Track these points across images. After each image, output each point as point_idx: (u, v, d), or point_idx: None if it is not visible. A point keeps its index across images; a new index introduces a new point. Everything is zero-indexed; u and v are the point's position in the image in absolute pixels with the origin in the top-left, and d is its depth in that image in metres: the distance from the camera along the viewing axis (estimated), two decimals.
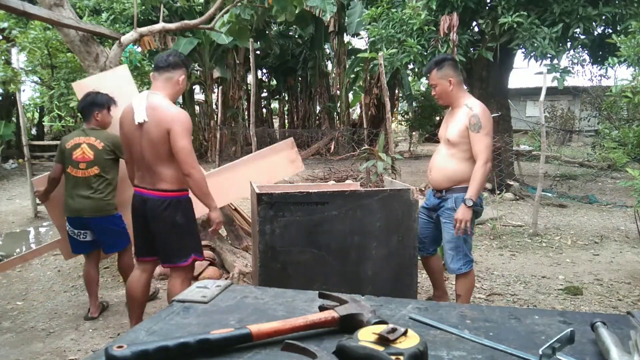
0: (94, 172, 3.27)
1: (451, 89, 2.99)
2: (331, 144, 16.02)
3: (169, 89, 2.80)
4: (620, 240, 5.57)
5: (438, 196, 3.11)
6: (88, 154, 3.27)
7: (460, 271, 3.04)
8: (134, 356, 0.72)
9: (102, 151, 3.28)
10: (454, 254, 3.03)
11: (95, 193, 3.26)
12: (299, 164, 3.89)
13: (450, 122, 3.06)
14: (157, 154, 2.71)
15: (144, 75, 5.36)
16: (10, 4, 3.22)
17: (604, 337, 0.82)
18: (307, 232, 2.77)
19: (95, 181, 3.27)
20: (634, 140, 3.99)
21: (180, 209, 2.80)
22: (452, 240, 3.02)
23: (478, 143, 2.88)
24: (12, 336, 3.21)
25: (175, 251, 2.83)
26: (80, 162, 3.26)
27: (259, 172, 3.75)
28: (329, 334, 0.88)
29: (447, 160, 3.02)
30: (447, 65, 3.01)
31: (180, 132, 2.66)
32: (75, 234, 3.37)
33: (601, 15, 6.69)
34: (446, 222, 3.05)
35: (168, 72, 2.79)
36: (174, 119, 2.68)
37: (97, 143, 3.29)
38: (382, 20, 7.64)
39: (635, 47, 3.75)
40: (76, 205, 3.27)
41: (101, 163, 3.28)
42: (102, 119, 3.36)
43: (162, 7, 5.03)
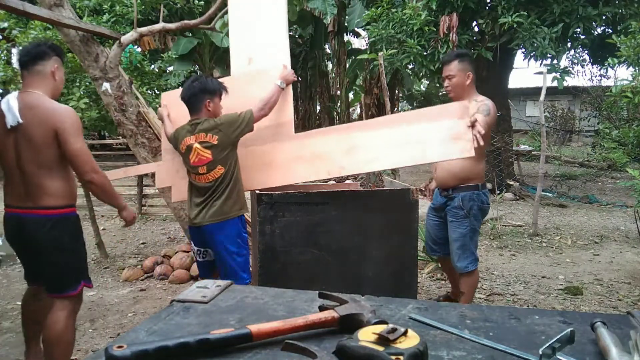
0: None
1: (468, 83, 3.01)
2: None
3: (45, 84, 2.35)
4: (620, 240, 5.57)
5: (444, 195, 3.11)
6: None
7: (467, 269, 3.04)
8: (134, 356, 0.72)
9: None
10: (461, 253, 3.03)
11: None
12: (467, 146, 2.57)
13: None
14: (40, 162, 2.26)
15: (144, 75, 5.36)
16: (10, 4, 3.21)
17: (604, 337, 0.82)
18: (307, 233, 2.77)
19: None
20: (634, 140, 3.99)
21: (67, 228, 2.36)
22: (459, 238, 3.02)
23: (479, 117, 2.66)
24: (12, 336, 3.21)
25: (63, 278, 2.38)
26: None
27: (400, 144, 2.68)
28: (329, 334, 0.88)
29: (458, 160, 2.99)
30: (468, 60, 3.05)
31: (73, 132, 2.25)
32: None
33: (601, 15, 6.69)
34: (453, 221, 3.04)
35: (36, 65, 2.34)
36: (61, 117, 2.25)
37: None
38: (382, 21, 7.64)
39: (635, 47, 3.75)
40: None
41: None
42: (214, 109, 2.78)
43: (162, 7, 5.04)
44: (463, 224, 3.00)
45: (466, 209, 2.97)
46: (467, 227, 3.00)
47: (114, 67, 3.99)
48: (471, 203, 2.98)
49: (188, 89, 2.76)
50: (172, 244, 5.50)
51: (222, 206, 2.72)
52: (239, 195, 2.81)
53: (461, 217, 2.99)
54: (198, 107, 2.75)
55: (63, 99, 4.34)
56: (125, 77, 4.16)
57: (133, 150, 4.22)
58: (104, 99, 4.11)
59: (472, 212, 2.98)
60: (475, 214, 3.00)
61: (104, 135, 16.16)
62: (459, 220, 2.99)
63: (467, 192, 2.98)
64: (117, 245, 5.52)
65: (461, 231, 3.00)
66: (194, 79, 2.80)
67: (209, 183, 2.72)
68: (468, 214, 2.97)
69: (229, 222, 2.74)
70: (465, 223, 3.00)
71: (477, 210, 3.00)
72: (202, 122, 2.72)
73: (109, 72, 3.95)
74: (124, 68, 4.68)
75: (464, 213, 2.98)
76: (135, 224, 6.57)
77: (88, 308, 3.69)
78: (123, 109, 4.04)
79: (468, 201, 2.96)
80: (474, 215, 2.99)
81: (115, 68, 4.00)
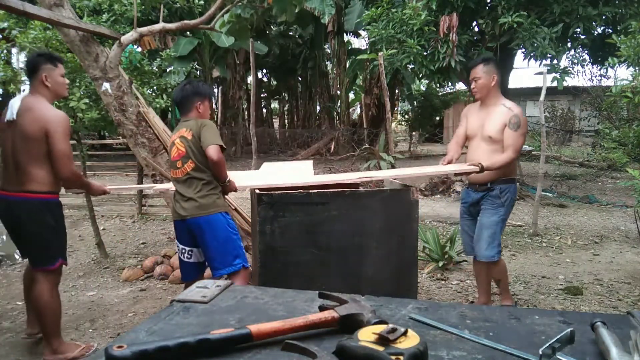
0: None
1: (492, 84, 3.15)
2: (331, 144, 16.04)
3: (40, 89, 2.75)
4: (620, 240, 5.57)
5: (482, 189, 3.20)
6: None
7: (494, 259, 3.14)
8: (134, 356, 0.72)
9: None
10: (490, 241, 3.12)
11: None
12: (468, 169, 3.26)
13: (487, 119, 3.18)
14: (30, 153, 2.64)
15: (143, 75, 5.36)
16: (10, 4, 3.22)
17: (604, 337, 0.82)
18: (307, 232, 2.77)
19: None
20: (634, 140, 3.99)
21: (49, 210, 2.74)
22: (491, 226, 3.12)
23: (512, 139, 3.06)
24: (12, 336, 3.21)
25: (43, 254, 2.76)
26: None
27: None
28: (329, 334, 0.88)
29: (491, 156, 3.10)
30: (493, 63, 3.21)
31: (59, 135, 2.63)
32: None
33: (601, 15, 6.69)
34: (489, 209, 3.16)
35: (31, 76, 2.77)
36: (51, 120, 2.64)
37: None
38: (382, 21, 7.64)
39: (635, 47, 3.75)
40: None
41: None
42: (205, 111, 2.97)
43: (162, 7, 5.04)
44: (498, 212, 3.13)
45: (503, 199, 3.13)
46: (500, 216, 3.14)
47: (114, 67, 3.99)
48: (508, 194, 3.14)
49: (180, 91, 2.93)
50: (172, 244, 5.50)
51: (203, 200, 2.77)
52: (217, 195, 2.84)
53: (497, 205, 3.13)
54: (188, 108, 2.91)
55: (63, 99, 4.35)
56: (125, 77, 4.16)
57: (133, 150, 4.22)
58: (104, 99, 4.11)
59: (507, 202, 3.15)
60: (508, 205, 3.16)
61: (104, 135, 16.16)
62: (495, 209, 3.13)
63: (505, 184, 3.14)
64: (117, 245, 5.52)
65: (494, 219, 3.12)
66: (186, 82, 2.99)
67: (184, 176, 2.81)
68: (504, 204, 3.13)
69: (214, 215, 2.78)
70: (500, 211, 3.13)
71: (510, 200, 3.17)
72: (188, 121, 2.86)
73: (109, 72, 3.96)
74: (124, 68, 4.68)
75: (501, 202, 3.13)
76: (135, 224, 6.57)
77: (88, 308, 3.70)
78: (123, 109, 4.04)
79: (506, 192, 3.13)
80: (508, 206, 3.16)
81: (115, 68, 4.00)
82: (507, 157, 3.06)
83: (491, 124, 3.13)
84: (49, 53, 2.99)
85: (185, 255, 2.94)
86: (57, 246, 2.80)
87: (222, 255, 2.80)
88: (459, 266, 4.57)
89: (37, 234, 2.72)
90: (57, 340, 2.79)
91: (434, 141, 20.55)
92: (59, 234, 2.81)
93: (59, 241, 2.83)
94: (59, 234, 2.82)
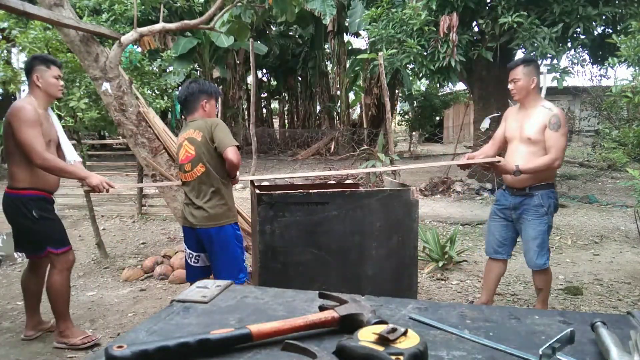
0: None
1: (532, 87, 3.09)
2: (331, 144, 16.04)
3: (33, 90, 2.89)
4: (620, 240, 5.57)
5: (521, 194, 3.13)
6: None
7: (545, 266, 3.10)
8: (134, 356, 0.72)
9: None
10: (540, 250, 3.08)
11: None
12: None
13: (525, 121, 3.11)
14: (7, 151, 2.83)
15: (143, 75, 5.35)
16: (10, 4, 3.21)
17: (604, 337, 0.82)
18: (307, 232, 2.77)
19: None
20: (634, 140, 3.98)
21: (27, 207, 2.85)
22: (538, 236, 3.07)
23: (554, 140, 2.96)
24: (12, 336, 3.21)
25: (27, 246, 3.03)
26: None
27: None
28: (329, 334, 0.88)
29: (530, 159, 3.04)
30: (534, 66, 3.14)
31: (18, 125, 2.69)
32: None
33: (601, 15, 6.68)
34: (533, 219, 3.08)
35: (27, 75, 2.92)
36: (11, 112, 2.74)
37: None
38: (382, 21, 7.64)
39: (635, 47, 3.75)
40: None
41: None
42: (211, 110, 2.88)
43: (162, 7, 5.03)
44: (543, 221, 3.06)
45: (546, 206, 3.05)
46: (546, 224, 3.07)
47: (114, 67, 3.99)
48: (550, 200, 3.06)
49: (186, 89, 2.83)
50: (172, 244, 5.50)
51: (213, 210, 2.71)
52: (227, 201, 2.77)
53: (542, 214, 3.05)
54: (194, 107, 2.82)
55: (63, 99, 4.34)
56: (125, 77, 4.16)
57: (133, 150, 4.22)
58: (104, 99, 4.11)
59: (551, 209, 3.08)
60: (552, 212, 3.10)
61: (104, 135, 16.17)
62: (540, 218, 3.05)
63: (545, 189, 3.06)
64: (117, 245, 5.52)
65: (541, 229, 3.06)
66: (191, 81, 2.89)
67: (193, 181, 2.74)
68: (547, 211, 3.06)
69: (225, 227, 2.74)
70: (544, 220, 3.06)
71: (553, 207, 3.10)
72: (196, 121, 2.77)
73: (109, 72, 3.95)
74: (124, 68, 4.68)
75: (545, 210, 3.05)
76: (135, 224, 6.57)
77: (88, 308, 3.70)
78: (123, 109, 4.04)
79: (547, 198, 3.04)
80: (551, 213, 3.09)
81: (115, 68, 4.00)
82: (550, 159, 2.94)
83: (530, 125, 3.06)
84: (43, 55, 3.07)
85: (193, 259, 2.88)
86: (41, 238, 2.93)
87: (228, 269, 2.75)
88: (459, 266, 4.57)
89: (17, 229, 2.97)
90: (63, 324, 2.99)
91: (434, 141, 20.55)
92: (41, 226, 2.90)
93: (42, 233, 2.93)
94: (42, 227, 2.90)
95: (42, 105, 2.90)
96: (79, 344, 2.95)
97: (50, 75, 2.89)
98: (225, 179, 2.77)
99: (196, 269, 2.90)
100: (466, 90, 15.37)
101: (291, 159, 15.13)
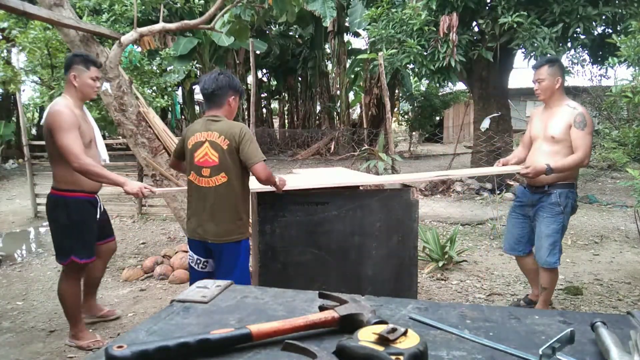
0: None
1: (557, 87, 3.11)
2: (331, 144, 16.03)
3: (69, 88, 2.91)
4: (620, 240, 5.56)
5: (540, 192, 3.15)
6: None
7: (555, 265, 3.13)
8: (134, 356, 0.72)
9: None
10: (552, 249, 3.10)
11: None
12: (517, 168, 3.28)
13: (549, 120, 3.13)
14: (49, 153, 2.86)
15: (143, 75, 5.36)
16: (10, 4, 3.21)
17: (604, 337, 0.82)
18: (307, 232, 2.77)
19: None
20: (634, 140, 3.98)
21: (66, 208, 2.83)
22: (552, 234, 3.09)
23: (581, 139, 2.98)
24: (12, 336, 3.21)
25: (57, 249, 2.94)
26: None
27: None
28: (329, 334, 0.88)
29: (551, 158, 3.05)
30: (558, 66, 3.15)
31: (56, 130, 2.70)
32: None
33: (601, 15, 6.68)
34: (548, 217, 3.11)
35: (65, 71, 2.92)
36: (48, 118, 2.75)
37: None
38: (382, 21, 7.64)
39: (635, 47, 3.75)
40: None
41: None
42: (235, 107, 2.68)
43: (162, 7, 5.03)
44: (557, 220, 3.08)
45: (563, 205, 3.06)
46: (560, 224, 3.09)
47: (114, 67, 3.99)
48: (567, 200, 3.08)
49: (214, 81, 2.54)
50: (172, 244, 5.50)
51: (226, 225, 2.51)
52: (243, 216, 2.57)
53: (557, 213, 3.07)
54: (220, 102, 2.56)
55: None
56: (125, 77, 4.16)
57: (133, 150, 4.22)
58: (104, 99, 4.11)
59: (567, 209, 3.09)
60: (568, 212, 3.11)
61: (104, 135, 16.16)
62: (554, 217, 3.08)
63: (564, 189, 3.07)
64: (117, 245, 5.52)
65: (555, 227, 3.08)
66: (219, 72, 2.62)
67: (210, 188, 2.49)
68: (563, 211, 3.07)
69: (238, 244, 2.56)
70: (559, 219, 3.08)
71: (570, 207, 3.11)
72: (220, 121, 2.52)
73: (109, 72, 3.95)
74: (124, 68, 4.68)
75: (560, 209, 3.07)
76: (135, 224, 6.57)
77: None
78: (123, 109, 4.04)
79: (565, 198, 3.06)
80: (567, 213, 3.10)
81: (115, 68, 4.00)
82: (578, 158, 2.96)
83: (554, 124, 3.08)
84: (84, 55, 3.01)
85: (200, 265, 2.65)
86: (69, 244, 2.88)
87: (243, 277, 2.59)
88: (459, 266, 4.57)
89: (53, 230, 2.92)
90: (75, 328, 3.02)
91: (434, 141, 20.55)
92: (72, 232, 2.86)
93: (73, 240, 2.88)
94: (73, 233, 2.87)
95: (77, 105, 2.90)
96: (85, 347, 2.99)
97: (87, 76, 2.89)
98: (245, 191, 2.59)
99: (203, 274, 2.62)
100: (466, 90, 15.38)
101: (291, 159, 15.13)
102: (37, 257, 5.13)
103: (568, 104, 3.10)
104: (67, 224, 2.84)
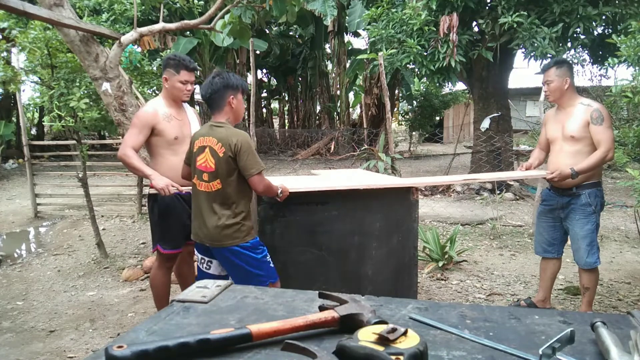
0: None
1: (566, 87, 3.11)
2: (331, 144, 16.03)
3: (163, 89, 3.10)
4: (620, 240, 5.56)
5: (568, 194, 3.16)
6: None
7: (596, 264, 3.13)
8: (134, 356, 0.72)
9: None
10: (590, 249, 3.11)
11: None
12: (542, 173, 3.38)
13: (566, 120, 3.13)
14: (147, 151, 3.18)
15: (143, 75, 5.36)
16: (10, 4, 3.22)
17: (604, 337, 0.82)
18: (307, 232, 2.77)
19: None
20: (634, 140, 3.98)
21: (155, 201, 3.00)
22: (588, 235, 3.10)
23: (601, 134, 2.97)
24: (12, 336, 3.21)
25: (152, 238, 3.20)
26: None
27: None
28: (329, 334, 0.88)
29: (574, 158, 3.05)
30: (566, 67, 3.16)
31: (131, 124, 3.03)
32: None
33: (601, 15, 6.68)
34: (581, 218, 3.12)
35: (163, 70, 3.12)
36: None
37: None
38: (382, 21, 7.64)
39: (635, 47, 3.74)
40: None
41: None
42: (238, 106, 2.59)
43: (162, 7, 5.03)
44: (591, 220, 3.10)
45: (593, 205, 3.08)
46: (594, 223, 3.11)
47: (114, 67, 3.99)
48: (597, 199, 3.10)
49: (209, 86, 2.53)
50: None
51: (224, 231, 2.47)
52: (240, 220, 2.50)
53: (589, 213, 3.09)
54: (220, 105, 2.53)
55: (63, 99, 4.34)
56: (125, 77, 4.16)
57: None
58: (104, 99, 4.11)
59: (598, 208, 3.11)
60: (599, 210, 3.13)
61: (104, 135, 16.17)
62: (587, 217, 3.09)
63: (592, 188, 3.09)
64: (117, 245, 5.52)
65: (589, 227, 3.09)
66: (214, 75, 2.58)
67: (209, 193, 2.50)
68: (595, 210, 3.09)
69: (237, 248, 2.49)
70: (592, 219, 3.10)
71: (600, 206, 3.13)
72: (221, 128, 2.50)
73: (109, 72, 3.95)
74: (124, 68, 4.68)
75: (592, 209, 3.08)
76: (135, 224, 6.57)
77: (88, 308, 3.70)
78: (123, 109, 4.04)
79: (595, 197, 3.08)
80: (598, 211, 3.12)
81: (115, 68, 4.00)
82: (602, 153, 2.95)
83: (572, 123, 3.07)
84: (177, 58, 3.02)
85: (205, 265, 2.65)
86: (156, 235, 3.11)
87: (246, 282, 2.49)
88: (459, 266, 4.57)
89: (149, 219, 3.18)
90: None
91: (434, 141, 20.54)
92: (158, 225, 3.06)
93: (158, 231, 3.08)
94: (159, 225, 3.05)
95: (169, 104, 3.05)
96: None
97: (177, 80, 3.00)
98: (243, 198, 2.53)
99: (208, 276, 2.57)
100: (466, 90, 15.37)
101: (291, 159, 15.13)
102: (37, 257, 5.13)
103: (582, 102, 3.10)
104: (157, 215, 3.03)
